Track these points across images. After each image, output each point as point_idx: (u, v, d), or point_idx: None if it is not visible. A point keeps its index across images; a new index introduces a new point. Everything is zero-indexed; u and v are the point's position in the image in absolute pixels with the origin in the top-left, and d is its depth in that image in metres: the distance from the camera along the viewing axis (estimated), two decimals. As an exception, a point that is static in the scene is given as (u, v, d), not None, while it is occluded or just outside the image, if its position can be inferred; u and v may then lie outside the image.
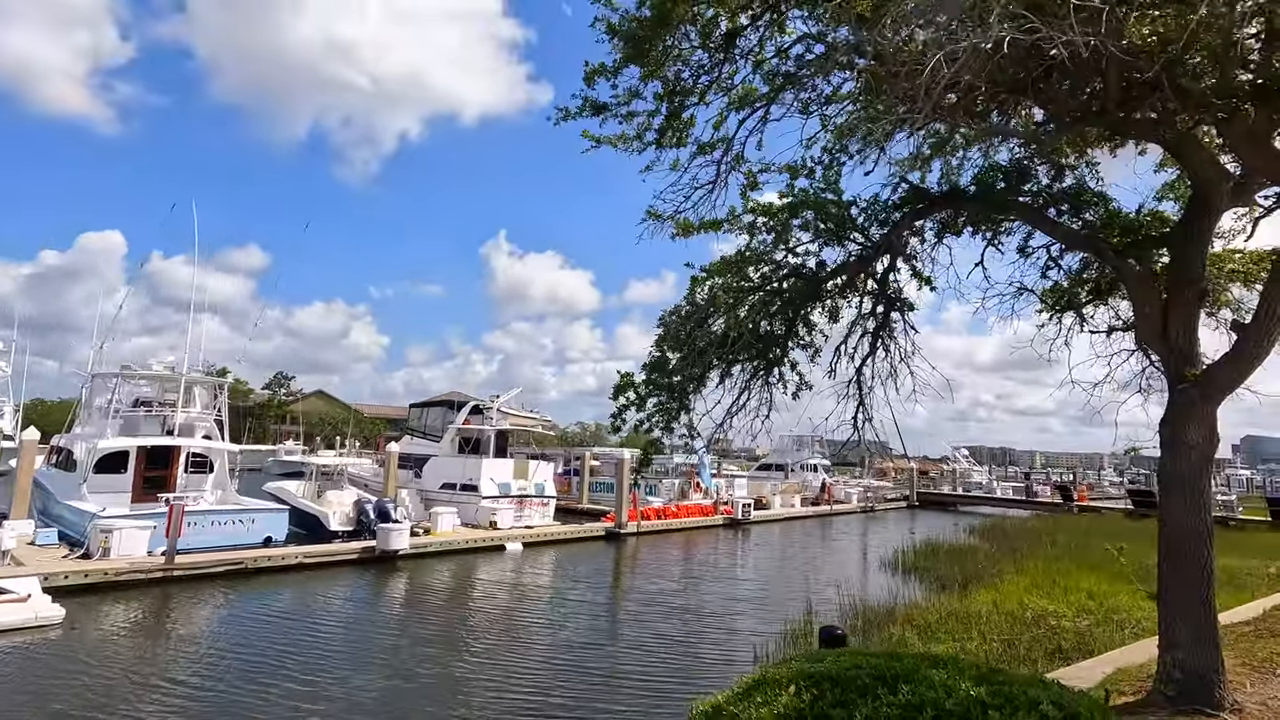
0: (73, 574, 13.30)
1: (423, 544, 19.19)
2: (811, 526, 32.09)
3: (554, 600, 14.75)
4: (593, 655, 10.71)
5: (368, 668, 9.81)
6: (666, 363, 6.70)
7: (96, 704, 8.14)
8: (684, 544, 24.48)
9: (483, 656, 10.56)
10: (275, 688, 8.90)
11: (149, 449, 20.22)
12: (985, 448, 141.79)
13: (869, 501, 40.34)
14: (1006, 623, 10.92)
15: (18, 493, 18.06)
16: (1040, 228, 5.99)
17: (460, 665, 10.11)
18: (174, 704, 8.25)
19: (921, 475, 53.55)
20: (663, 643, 11.49)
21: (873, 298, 6.91)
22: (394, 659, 10.29)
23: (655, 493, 31.89)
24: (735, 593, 16.05)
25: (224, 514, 18.06)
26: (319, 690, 8.85)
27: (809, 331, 7.19)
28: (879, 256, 6.42)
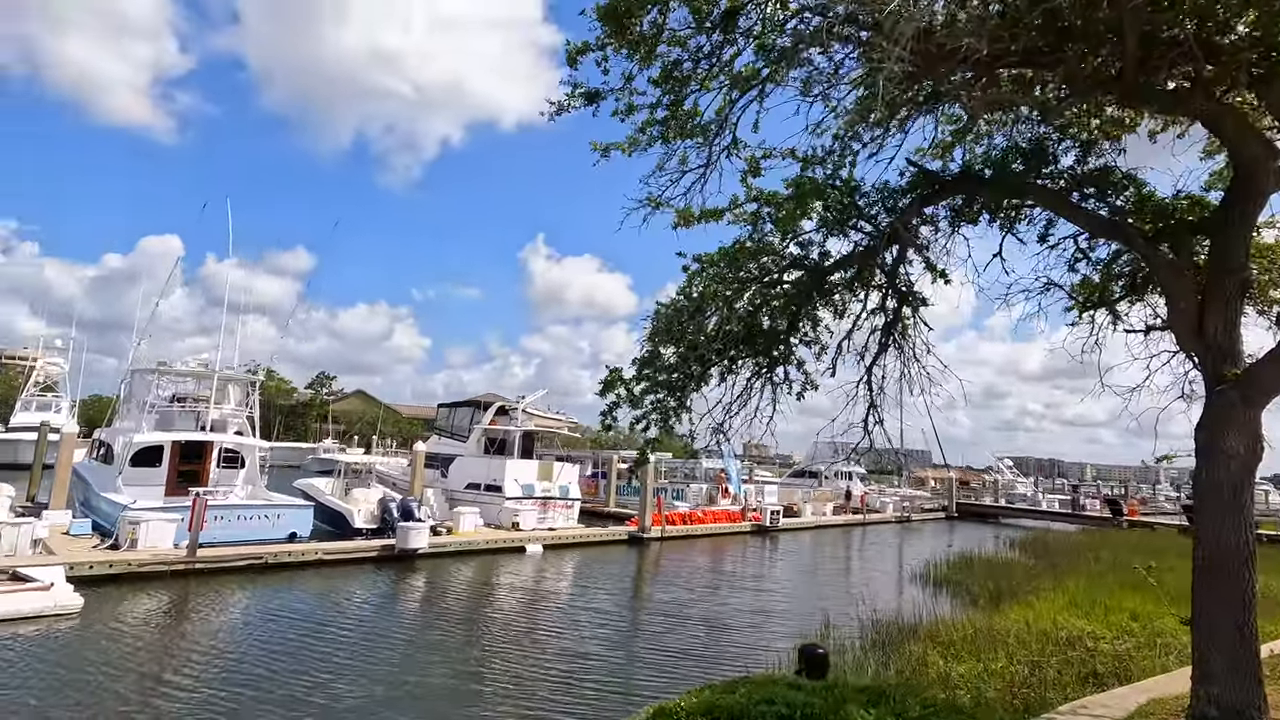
0: (97, 564, 13.58)
1: (442, 543, 19.17)
2: (843, 536, 31.24)
3: (566, 606, 14.49)
4: (593, 665, 10.40)
5: (368, 669, 9.69)
6: (659, 358, 6.37)
7: (96, 692, 8.17)
8: (709, 550, 24.02)
9: (482, 663, 10.36)
10: (272, 684, 8.84)
11: (183, 444, 20.71)
12: (1032, 458, 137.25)
13: (905, 511, 39.16)
14: (1038, 643, 10.25)
15: (56, 484, 18.65)
16: (1062, 213, 5.48)
17: (459, 670, 9.93)
18: (170, 695, 8.24)
19: (962, 486, 51.84)
20: (669, 655, 11.11)
21: (882, 292, 6.46)
22: (397, 660, 10.16)
23: (682, 497, 31.50)
24: (755, 603, 15.56)
25: (250, 509, 18.30)
26: (316, 689, 8.75)
27: (814, 328, 6.78)
28: (887, 247, 5.98)
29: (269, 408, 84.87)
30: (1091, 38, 3.67)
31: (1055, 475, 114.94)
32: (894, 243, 5.97)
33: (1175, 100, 4.26)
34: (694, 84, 6.27)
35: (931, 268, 6.27)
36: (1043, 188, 5.32)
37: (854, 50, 5.23)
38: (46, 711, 7.65)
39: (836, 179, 5.99)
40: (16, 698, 8.00)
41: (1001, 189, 5.30)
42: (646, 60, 6.02)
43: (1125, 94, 4.10)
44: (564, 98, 5.82)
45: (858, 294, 6.54)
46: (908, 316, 6.94)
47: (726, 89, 6.32)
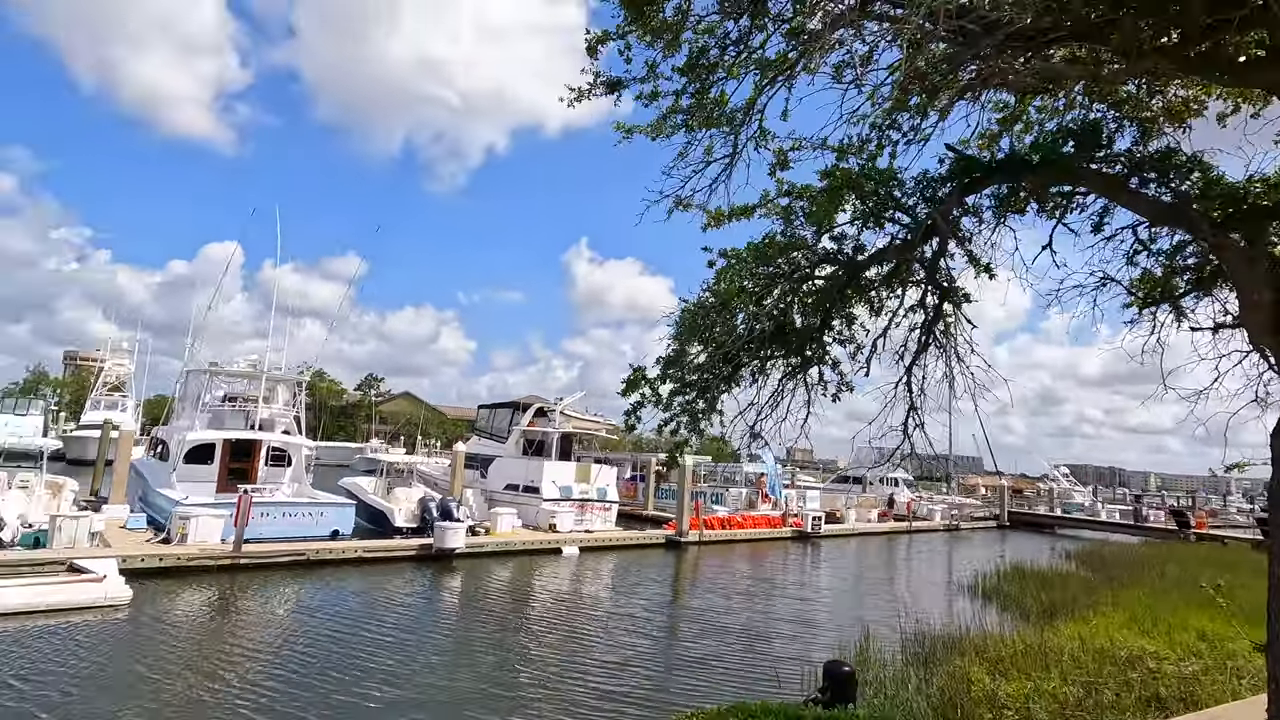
0: (148, 557, 14.04)
1: (479, 543, 19.27)
2: (888, 544, 30.36)
3: (598, 611, 14.34)
4: (622, 673, 10.21)
5: (398, 669, 9.71)
6: (685, 357, 6.16)
7: (134, 681, 8.37)
8: (747, 556, 23.60)
9: (508, 667, 10.28)
10: (303, 680, 8.92)
11: (233, 442, 21.36)
12: (1091, 466, 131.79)
13: (954, 520, 37.91)
14: (1094, 662, 9.65)
15: (115, 480, 19.44)
16: (1118, 199, 5.06)
17: (485, 673, 9.87)
18: (205, 686, 8.38)
19: (1015, 494, 49.97)
20: (699, 664, 10.82)
21: (921, 287, 6.12)
22: (426, 661, 10.16)
23: (721, 501, 31.10)
24: (792, 612, 15.15)
25: (295, 506, 18.73)
26: (344, 687, 8.79)
27: (849, 326, 6.47)
28: (925, 240, 5.65)
29: (320, 408, 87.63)
30: (1150, 1, 3.33)
31: (1116, 484, 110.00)
32: (933, 235, 5.62)
33: (1246, 71, 3.85)
34: (720, 71, 6.06)
35: (975, 261, 5.91)
36: (1097, 172, 4.92)
37: (889, 30, 4.94)
38: (90, 699, 7.86)
39: (872, 169, 5.69)
40: (60, 684, 8.24)
41: (1050, 173, 4.92)
42: (672, 48, 5.84)
43: (1188, 64, 3.72)
44: (585, 85, 5.67)
45: (895, 290, 6.21)
46: (949, 314, 6.57)
47: (755, 76, 6.09)
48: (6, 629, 9.99)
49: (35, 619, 10.45)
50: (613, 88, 5.99)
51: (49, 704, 7.68)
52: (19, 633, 9.90)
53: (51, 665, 8.80)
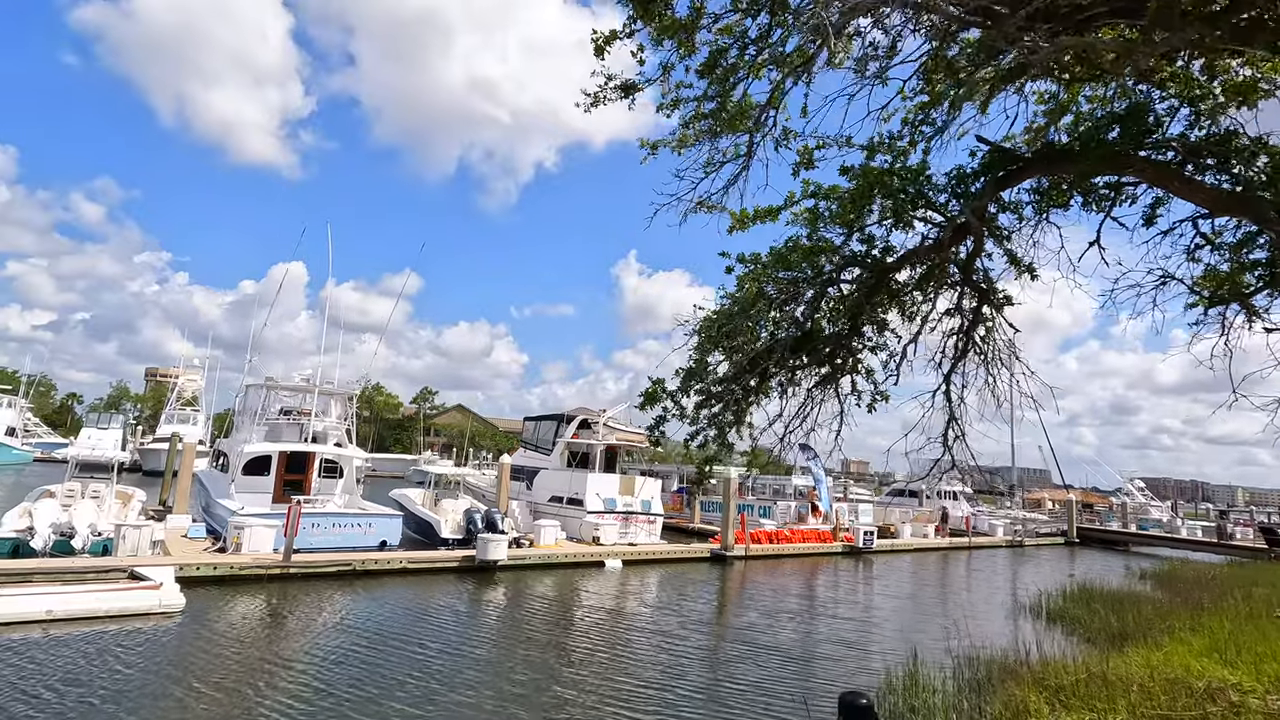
0: (204, 566, 14.52)
1: (521, 556, 19.29)
2: (945, 560, 29.12)
3: (634, 627, 14.09)
4: (649, 695, 9.94)
5: (426, 682, 9.70)
6: (707, 367, 5.95)
7: (177, 685, 8.58)
8: (795, 571, 22.96)
9: (533, 685, 10.15)
10: (330, 690, 8.98)
11: (289, 454, 22.05)
12: (1171, 480, 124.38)
13: (1017, 535, 36.15)
14: (1167, 694, 8.87)
15: (179, 491, 20.28)
16: (1171, 189, 4.63)
17: (506, 690, 9.75)
18: (241, 692, 8.51)
19: (1085, 509, 47.39)
20: (731, 688, 10.36)
21: (957, 290, 5.76)
22: (454, 675, 10.12)
23: (770, 515, 30.46)
24: (837, 632, 14.57)
25: (344, 517, 19.16)
26: (368, 701, 8.81)
27: (880, 332, 6.15)
28: (959, 239, 5.31)
29: (377, 421, 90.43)
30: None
31: (1199, 499, 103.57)
32: (966, 234, 5.28)
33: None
34: (741, 71, 5.87)
35: (1015, 261, 5.54)
36: (1147, 159, 4.52)
37: (912, 18, 4.67)
38: (137, 704, 8.08)
39: (901, 167, 5.40)
40: (106, 688, 8.51)
41: (1094, 163, 4.54)
42: (687, 48, 5.68)
43: (1238, 34, 3.34)
44: (597, 88, 5.56)
45: (929, 294, 5.87)
46: (989, 318, 6.18)
47: (778, 74, 5.89)
48: (65, 633, 10.43)
49: (93, 624, 10.89)
50: (627, 91, 5.86)
51: (68, 710, 7.92)
52: (73, 638, 10.31)
53: (92, 670, 9.10)
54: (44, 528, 15.48)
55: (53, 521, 15.90)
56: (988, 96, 5.79)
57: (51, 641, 10.10)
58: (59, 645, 9.94)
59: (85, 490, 18.65)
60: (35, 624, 10.66)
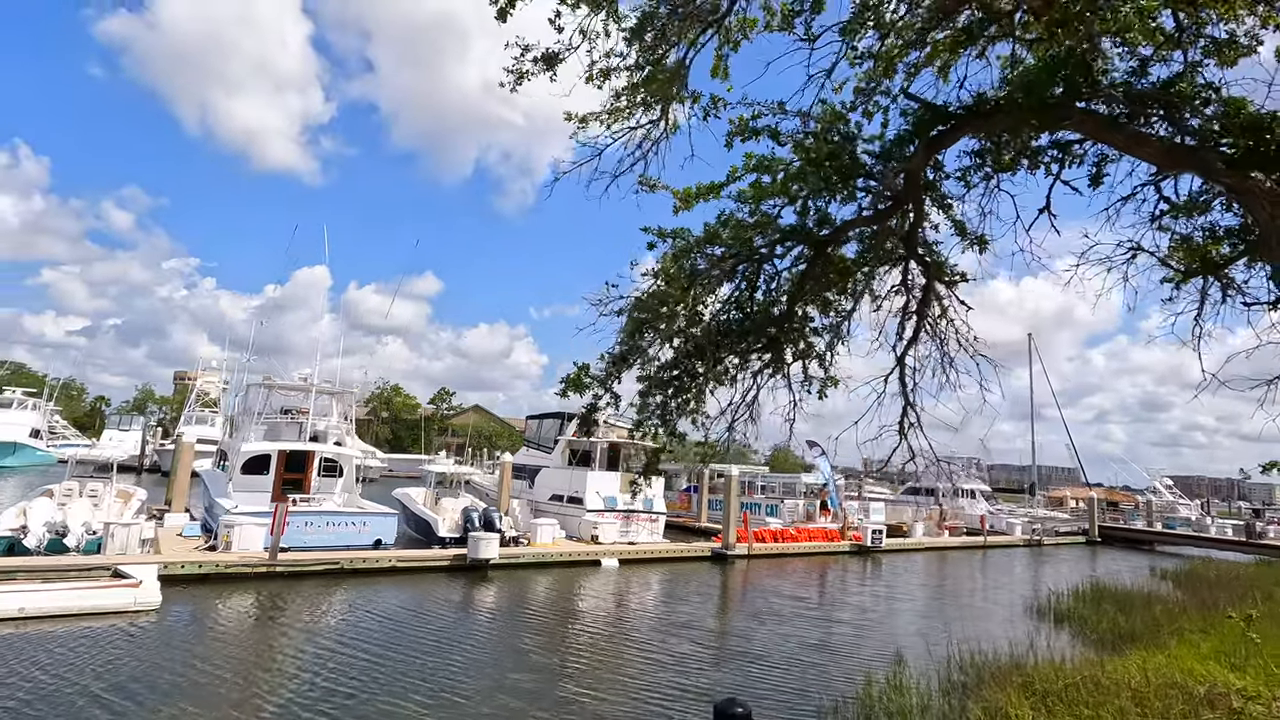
0: (188, 564, 14.50)
1: (515, 554, 19.08)
2: (958, 560, 28.38)
3: (617, 627, 13.79)
4: (599, 703, 9.60)
5: (395, 681, 9.48)
6: (634, 353, 5.61)
7: (134, 683, 8.45)
8: (799, 571, 22.48)
9: (496, 688, 9.87)
10: (296, 691, 8.79)
11: (288, 453, 22.07)
12: (1205, 478, 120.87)
13: (1036, 534, 35.17)
14: (1160, 698, 8.35)
15: (176, 489, 20.40)
16: (1116, 144, 4.20)
17: (478, 689, 9.49)
18: (195, 692, 8.35)
19: (1109, 507, 46.11)
20: (689, 695, 9.94)
21: (902, 265, 5.36)
22: (424, 676, 9.90)
23: (776, 513, 29.95)
24: (824, 635, 14.08)
25: (338, 516, 19.08)
26: (328, 700, 8.61)
27: (825, 312, 5.77)
28: (897, 209, 4.91)
29: (396, 422, 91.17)
30: None
31: (1234, 497, 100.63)
32: (905, 202, 4.89)
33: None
34: (674, 37, 5.53)
35: (962, 230, 5.12)
36: (1086, 111, 4.09)
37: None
38: (70, 701, 7.96)
39: (834, 130, 5.02)
40: (48, 687, 8.40)
41: (1029, 117, 4.13)
42: (610, 10, 5.35)
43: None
44: (514, 61, 5.25)
45: (871, 269, 5.48)
46: (942, 296, 5.76)
47: (710, 38, 5.53)
48: (33, 631, 10.39)
49: (64, 622, 10.85)
50: (549, 62, 5.54)
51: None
52: (39, 635, 10.26)
53: (50, 667, 9.01)
54: (38, 526, 15.57)
55: (47, 520, 15.99)
56: (947, 61, 5.38)
57: (16, 639, 10.05)
58: (22, 642, 9.89)
59: (83, 489, 18.81)
60: (7, 621, 10.64)
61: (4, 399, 47.46)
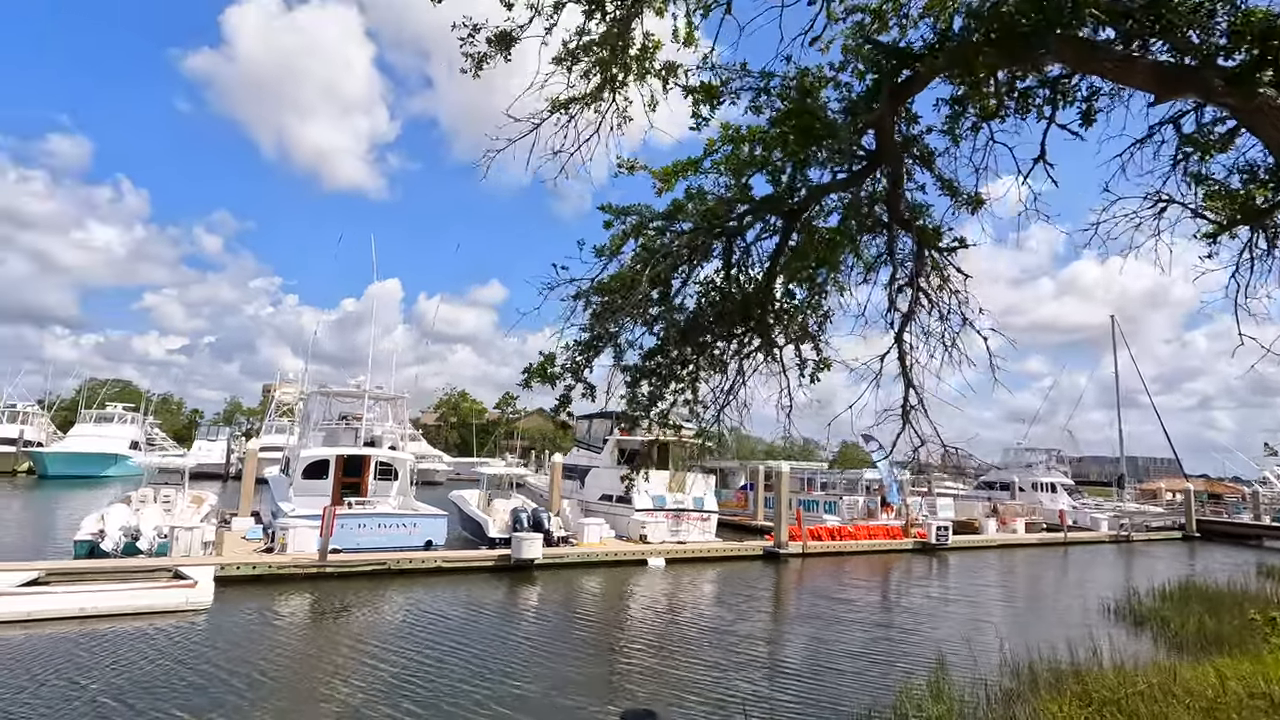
0: (243, 565, 15.11)
1: (559, 554, 19.07)
2: (1035, 558, 26.65)
3: (654, 630, 13.49)
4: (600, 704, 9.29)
5: (428, 684, 9.51)
6: (604, 338, 5.33)
7: (176, 680, 8.77)
8: (856, 570, 21.58)
9: (521, 694, 9.74)
10: (327, 692, 8.92)
11: (345, 457, 22.84)
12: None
13: (1124, 530, 32.72)
14: (1241, 710, 7.42)
15: (242, 494, 21.40)
16: (1101, 72, 3.62)
17: (505, 693, 9.39)
18: (230, 688, 8.59)
19: (1211, 500, 42.53)
20: (705, 705, 9.50)
21: (886, 232, 4.88)
22: (450, 679, 9.89)
23: (835, 510, 28.95)
24: (868, 639, 13.27)
25: (390, 518, 19.57)
26: (362, 701, 8.68)
27: (812, 288, 5.34)
28: (873, 169, 4.45)
29: (464, 426, 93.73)
30: None
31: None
32: (881, 161, 4.42)
33: None
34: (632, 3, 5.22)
35: (951, 189, 4.60)
36: (1067, 37, 3.52)
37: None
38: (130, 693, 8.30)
39: (794, 91, 4.59)
40: (100, 679, 8.79)
41: (1002, 51, 3.60)
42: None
43: None
44: (461, 41, 5.05)
45: (858, 239, 5.00)
46: (938, 264, 5.23)
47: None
48: (93, 629, 10.98)
49: (120, 621, 11.42)
50: (505, 43, 5.33)
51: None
52: (93, 634, 10.82)
53: (96, 662, 9.46)
54: (114, 531, 16.59)
55: (122, 525, 17.02)
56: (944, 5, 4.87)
57: (74, 636, 10.64)
58: (76, 639, 10.45)
59: (157, 496, 19.96)
60: (71, 620, 11.30)
61: (106, 414, 51.25)
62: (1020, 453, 42.55)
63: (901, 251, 4.92)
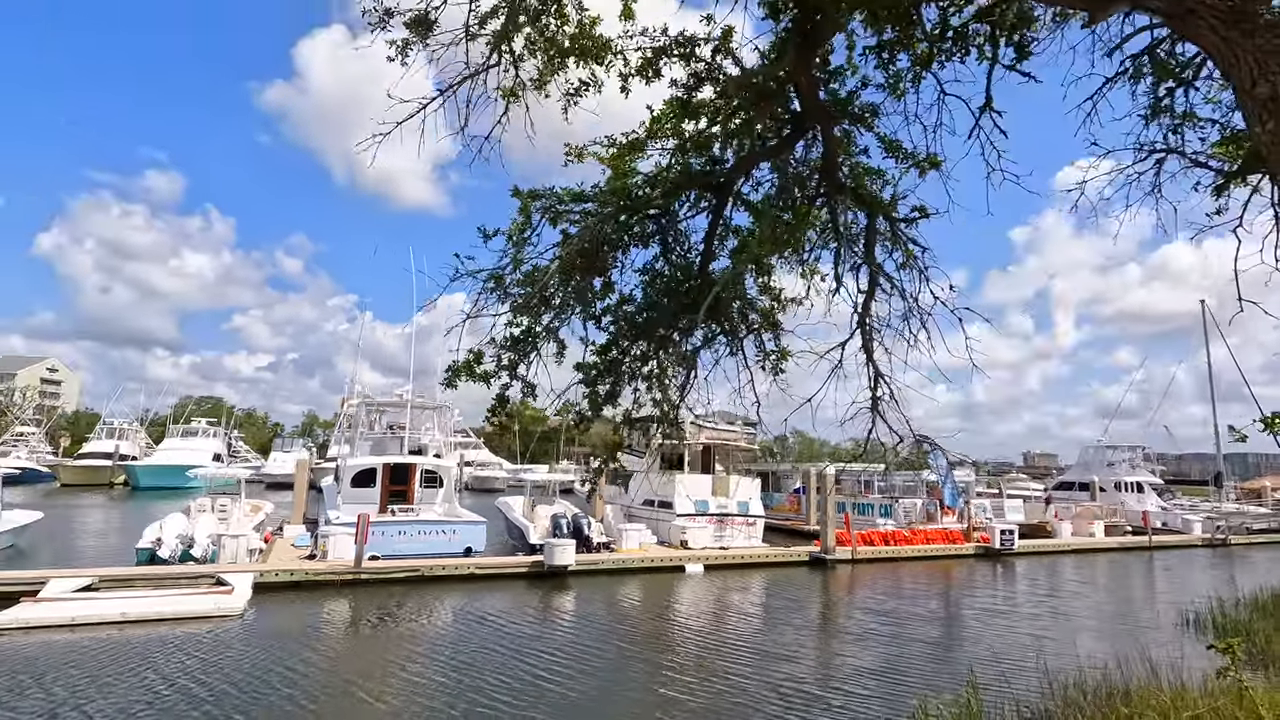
0: (281, 572, 15.54)
1: (593, 561, 18.84)
2: (1113, 563, 24.69)
3: (674, 642, 13.04)
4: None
5: (436, 695, 9.42)
6: (533, 333, 5.03)
7: (189, 684, 8.98)
8: (910, 577, 20.44)
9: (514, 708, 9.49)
10: (341, 702, 8.95)
11: (392, 466, 23.36)
12: None
13: (1220, 532, 29.97)
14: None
15: (295, 503, 22.15)
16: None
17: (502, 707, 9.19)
18: (238, 694, 8.71)
19: (1327, 498, 38.58)
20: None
21: (826, 202, 4.38)
22: (478, 690, 9.77)
23: (891, 514, 27.66)
24: (900, 652, 12.39)
25: (430, 525, 19.80)
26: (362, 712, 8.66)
27: (759, 274, 4.91)
28: (801, 133, 3.98)
29: (526, 435, 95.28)
30: None
31: None
32: (809, 122, 3.95)
33: None
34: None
35: (894, 149, 4.08)
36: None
37: None
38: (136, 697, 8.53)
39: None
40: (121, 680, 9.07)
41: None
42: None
43: None
44: (371, 28, 4.85)
45: (798, 212, 4.52)
46: (905, 239, 4.68)
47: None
48: (123, 634, 11.43)
49: (155, 627, 11.86)
50: (422, 28, 5.12)
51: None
52: (126, 638, 11.25)
53: (124, 667, 9.79)
54: (171, 539, 17.42)
55: (179, 533, 17.86)
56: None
57: (108, 640, 11.09)
58: (109, 642, 10.89)
59: (214, 505, 20.89)
60: (112, 625, 11.81)
61: (190, 429, 54.56)
62: (1100, 450, 39.70)
63: (857, 227, 4.41)
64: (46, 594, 12.90)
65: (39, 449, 62.03)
